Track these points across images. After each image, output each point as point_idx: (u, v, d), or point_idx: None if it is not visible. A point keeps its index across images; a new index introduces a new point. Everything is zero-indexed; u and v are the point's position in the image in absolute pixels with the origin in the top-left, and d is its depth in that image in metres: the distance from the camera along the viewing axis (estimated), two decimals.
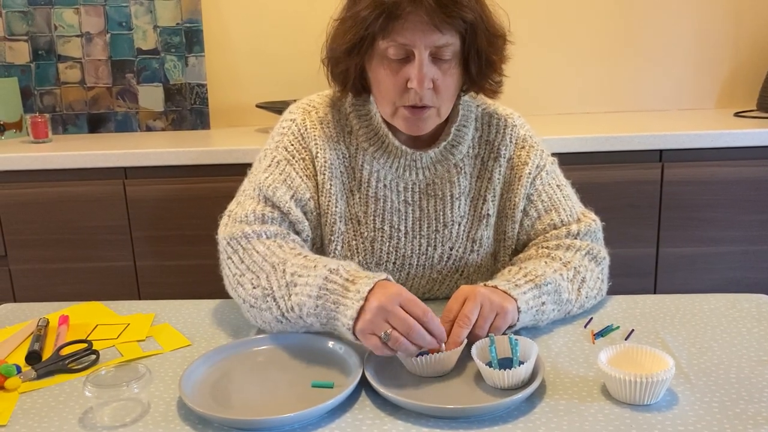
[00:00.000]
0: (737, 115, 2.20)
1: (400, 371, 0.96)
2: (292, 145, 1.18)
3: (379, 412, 0.87)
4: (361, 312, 0.91)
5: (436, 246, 1.21)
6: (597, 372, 0.95)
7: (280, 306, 1.00)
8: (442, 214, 1.21)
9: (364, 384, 0.92)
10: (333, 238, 1.18)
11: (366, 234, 1.19)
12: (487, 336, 0.96)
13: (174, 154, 1.94)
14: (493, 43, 1.10)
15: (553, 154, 1.27)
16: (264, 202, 1.14)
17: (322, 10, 2.13)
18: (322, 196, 1.18)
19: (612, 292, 1.22)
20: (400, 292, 0.92)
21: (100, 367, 0.96)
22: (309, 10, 2.34)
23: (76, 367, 1.02)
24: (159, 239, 2.00)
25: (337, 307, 0.94)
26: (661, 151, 1.92)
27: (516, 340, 0.93)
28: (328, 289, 0.95)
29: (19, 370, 0.99)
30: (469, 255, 1.22)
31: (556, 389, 0.91)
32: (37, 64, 2.35)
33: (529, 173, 1.21)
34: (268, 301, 1.02)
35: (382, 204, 1.19)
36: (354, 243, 1.19)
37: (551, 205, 1.22)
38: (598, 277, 1.17)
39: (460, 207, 1.21)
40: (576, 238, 1.19)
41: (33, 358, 1.04)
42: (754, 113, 2.20)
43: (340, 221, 1.19)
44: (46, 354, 1.06)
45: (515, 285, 1.05)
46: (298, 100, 1.25)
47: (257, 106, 2.23)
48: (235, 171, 1.44)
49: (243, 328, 1.14)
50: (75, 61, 2.35)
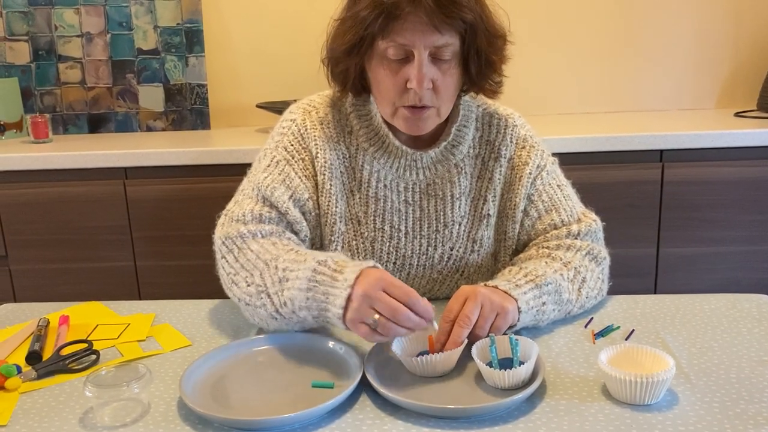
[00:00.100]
0: (737, 115, 2.20)
1: (400, 371, 0.95)
2: (292, 145, 1.18)
3: (380, 412, 0.87)
4: (348, 301, 0.91)
5: (436, 246, 1.21)
6: (597, 372, 0.95)
7: (273, 302, 1.00)
8: (442, 214, 1.21)
9: (364, 384, 0.92)
10: (333, 239, 1.18)
11: (366, 234, 1.19)
12: (488, 336, 0.96)
13: (174, 154, 1.94)
14: (492, 44, 1.10)
15: (554, 154, 1.27)
16: (262, 201, 1.14)
17: (322, 10, 2.12)
18: (322, 196, 1.18)
19: (612, 292, 1.22)
20: (383, 277, 0.92)
21: (100, 367, 0.96)
22: (309, 10, 2.34)
23: (77, 367, 1.02)
24: (159, 239, 2.00)
25: (326, 298, 0.93)
26: (661, 151, 1.92)
27: (516, 340, 0.93)
28: (317, 280, 0.95)
29: (19, 370, 0.99)
30: (470, 255, 1.22)
31: (557, 389, 0.91)
32: (37, 65, 2.35)
33: (529, 173, 1.21)
34: (262, 297, 1.01)
35: (382, 204, 1.19)
36: (354, 243, 1.19)
37: (552, 205, 1.22)
38: (599, 277, 1.17)
39: (460, 207, 1.21)
40: (576, 238, 1.19)
41: (33, 358, 1.04)
42: (754, 113, 2.19)
43: (341, 221, 1.19)
44: (47, 354, 1.06)
45: (516, 285, 1.05)
46: (299, 100, 1.25)
47: (257, 106, 2.23)
48: (236, 171, 1.44)
49: (243, 328, 1.14)
50: (75, 61, 2.35)
